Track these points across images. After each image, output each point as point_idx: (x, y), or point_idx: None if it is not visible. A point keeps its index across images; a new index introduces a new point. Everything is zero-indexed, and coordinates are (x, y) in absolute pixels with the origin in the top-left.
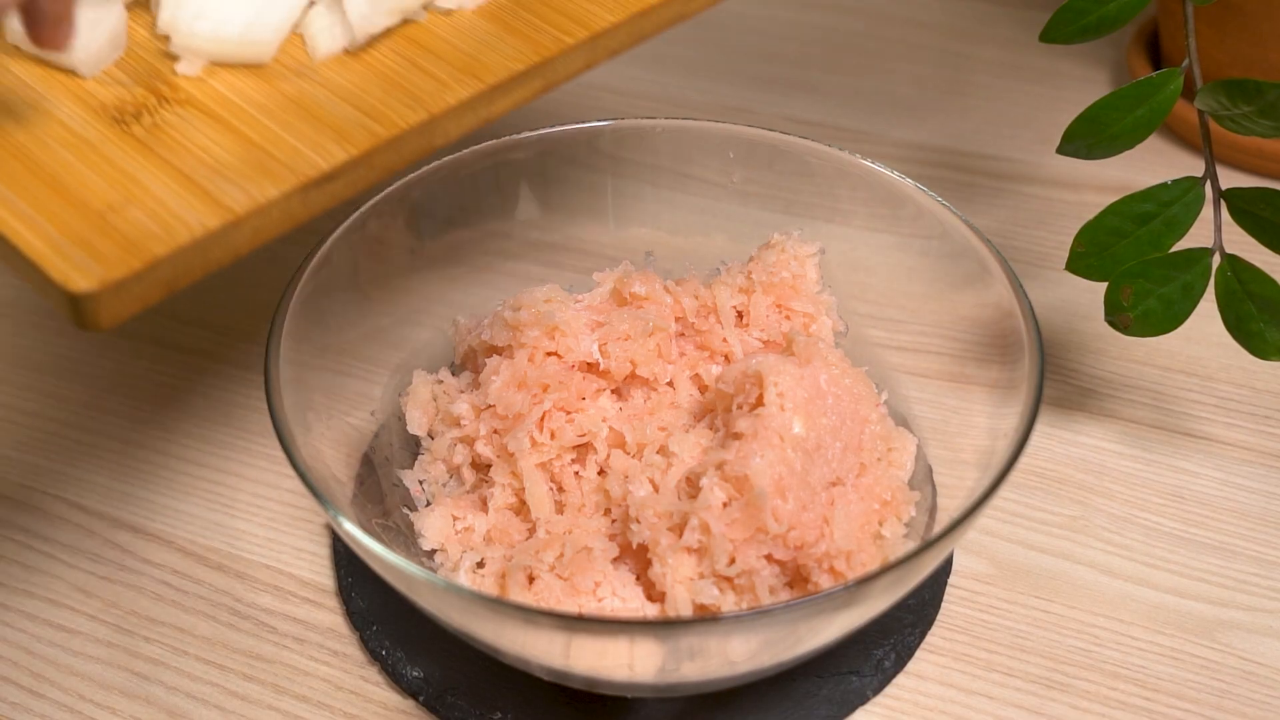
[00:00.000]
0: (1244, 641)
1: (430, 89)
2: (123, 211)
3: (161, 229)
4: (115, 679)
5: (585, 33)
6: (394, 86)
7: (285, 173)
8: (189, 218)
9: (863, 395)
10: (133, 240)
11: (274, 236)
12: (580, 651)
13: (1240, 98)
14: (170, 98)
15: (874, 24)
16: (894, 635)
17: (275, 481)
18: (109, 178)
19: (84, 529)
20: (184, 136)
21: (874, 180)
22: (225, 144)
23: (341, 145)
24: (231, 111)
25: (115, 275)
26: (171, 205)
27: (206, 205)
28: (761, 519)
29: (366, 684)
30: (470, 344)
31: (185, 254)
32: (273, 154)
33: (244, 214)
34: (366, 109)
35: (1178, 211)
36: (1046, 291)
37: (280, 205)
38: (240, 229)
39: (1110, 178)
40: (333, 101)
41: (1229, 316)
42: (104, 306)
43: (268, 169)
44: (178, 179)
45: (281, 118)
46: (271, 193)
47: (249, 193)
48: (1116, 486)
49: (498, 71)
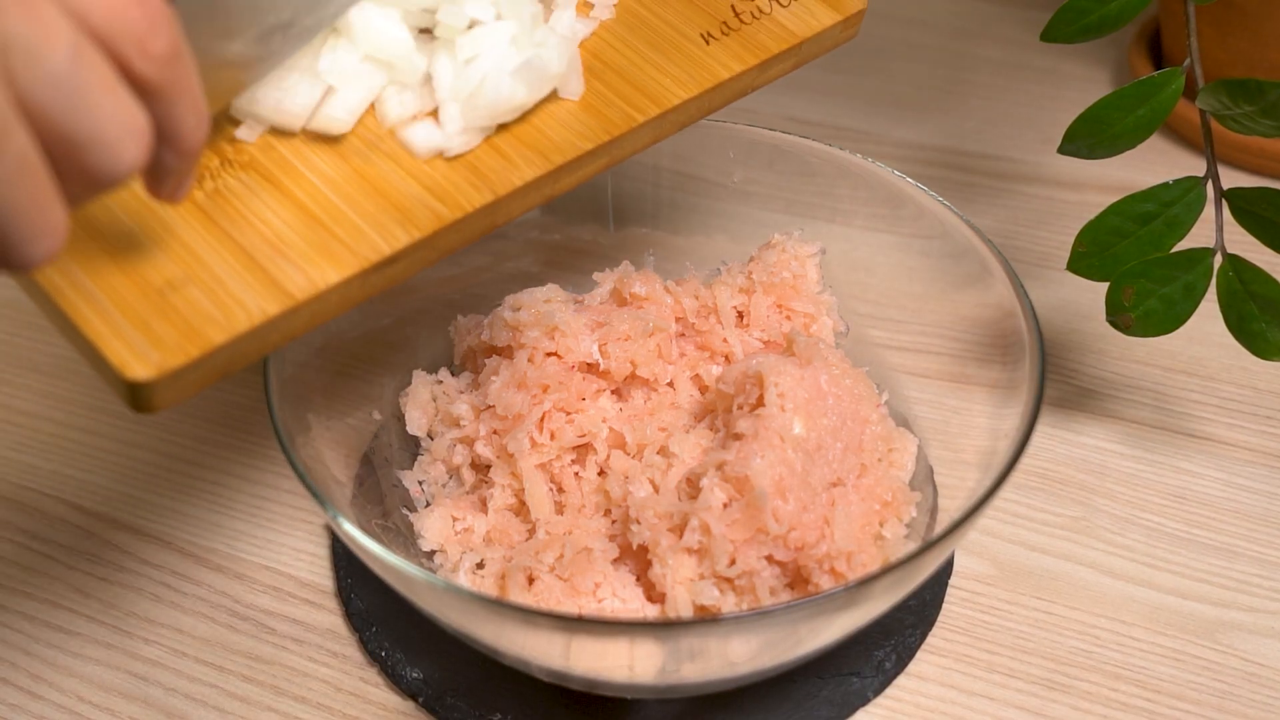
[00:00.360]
0: (1246, 643)
1: (497, 167)
2: (182, 290)
3: (220, 313)
4: (114, 680)
5: (656, 109)
6: (461, 161)
7: (347, 255)
8: (249, 302)
9: (863, 396)
10: (191, 324)
11: (330, 319)
12: (580, 653)
13: (1242, 97)
14: (233, 160)
15: (874, 23)
16: (895, 636)
17: (274, 482)
18: (169, 249)
19: (83, 530)
20: (245, 206)
21: (875, 180)
22: (286, 217)
23: (405, 228)
24: (294, 179)
25: (173, 364)
26: (231, 286)
27: (266, 289)
28: (762, 520)
29: (366, 685)
30: (470, 344)
31: (243, 341)
32: (335, 232)
33: (304, 300)
34: (431, 186)
35: (1179, 211)
36: (1048, 291)
37: (340, 290)
38: (298, 314)
39: (1112, 177)
40: (398, 175)
41: (1231, 316)
42: (159, 394)
43: (329, 250)
44: (238, 256)
45: (345, 190)
46: (332, 278)
47: (309, 277)
48: (1118, 487)
49: (566, 151)
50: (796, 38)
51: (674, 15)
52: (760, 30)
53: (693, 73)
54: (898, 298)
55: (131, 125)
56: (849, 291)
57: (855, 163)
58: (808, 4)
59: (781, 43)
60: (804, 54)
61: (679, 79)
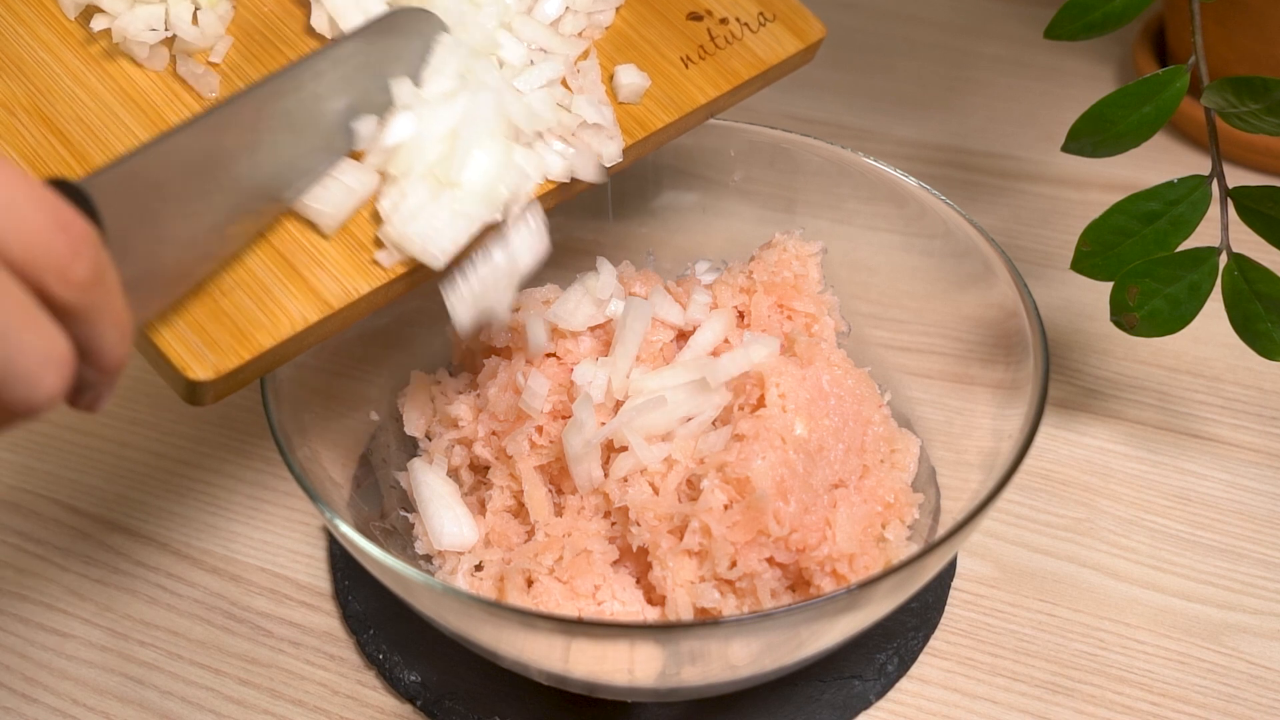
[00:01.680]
0: (1251, 645)
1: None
2: (232, 295)
3: (267, 318)
4: (109, 683)
5: (641, 132)
6: None
7: (375, 268)
8: (291, 309)
9: (865, 396)
10: (241, 329)
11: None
12: (579, 655)
13: (1247, 95)
14: None
15: (876, 20)
16: (897, 639)
17: (271, 483)
18: None
19: (78, 531)
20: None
21: (877, 178)
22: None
23: None
24: None
25: (228, 366)
26: (276, 294)
27: (307, 297)
28: (763, 521)
29: (363, 688)
30: (469, 344)
31: (286, 344)
32: (364, 244)
33: (339, 308)
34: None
35: (1184, 210)
36: (1051, 291)
37: (369, 298)
38: (333, 320)
39: (1116, 176)
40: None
41: (1236, 316)
42: (212, 391)
43: (359, 261)
44: (281, 266)
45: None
46: (364, 288)
47: (344, 287)
48: (1122, 488)
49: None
50: (765, 64)
51: (656, 37)
52: (733, 55)
53: (673, 96)
54: (900, 297)
55: (51, 354)
56: (851, 291)
57: (857, 161)
58: (775, 31)
59: (752, 68)
60: (769, 78)
61: (661, 102)
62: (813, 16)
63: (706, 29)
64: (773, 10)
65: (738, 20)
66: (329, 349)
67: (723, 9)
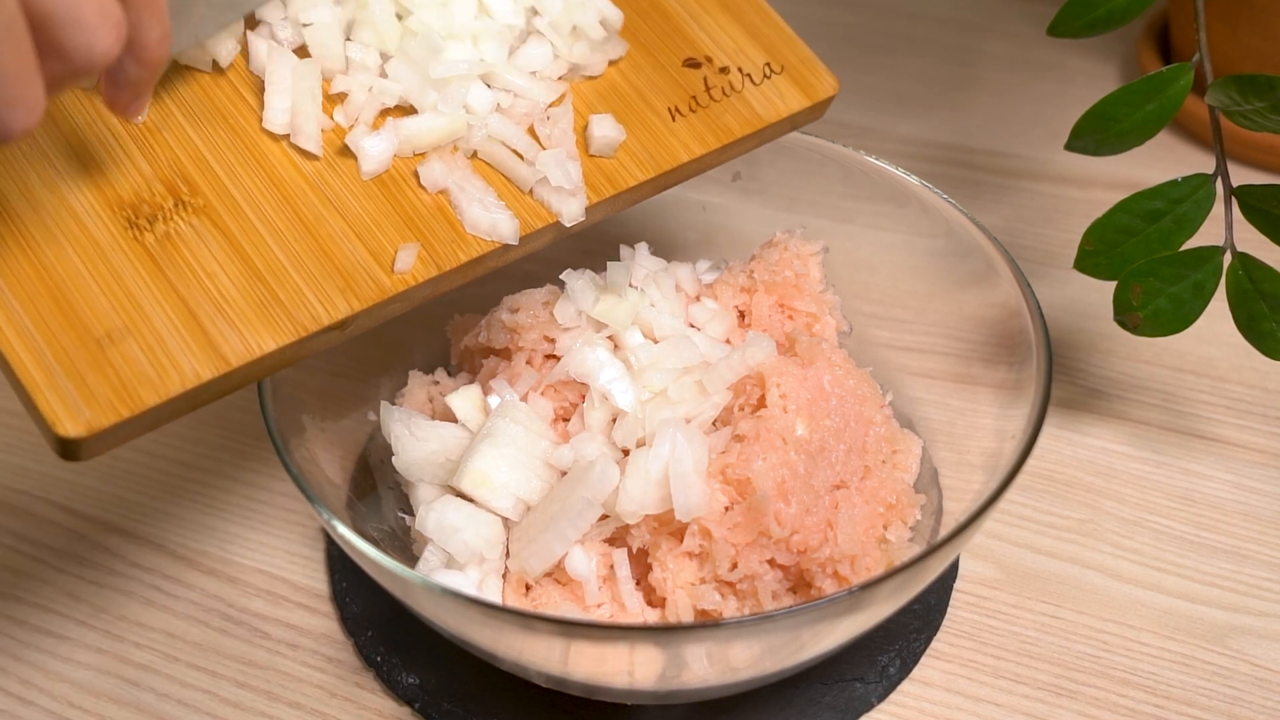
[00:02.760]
0: (1256, 647)
1: (445, 239)
2: (120, 344)
3: (155, 372)
4: (105, 685)
5: (611, 190)
6: (411, 228)
7: (286, 322)
8: (184, 364)
9: (867, 397)
10: (125, 381)
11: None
12: (579, 658)
13: (1252, 93)
14: (188, 202)
15: (878, 18)
16: (899, 641)
17: (268, 484)
18: (113, 297)
19: (73, 532)
20: (194, 257)
21: (878, 177)
22: (232, 274)
23: (346, 297)
24: (244, 231)
25: (103, 423)
26: (169, 345)
27: (204, 351)
28: (764, 523)
29: (361, 691)
30: (467, 344)
31: (174, 402)
32: (277, 294)
33: (238, 366)
34: (378, 253)
35: (1188, 209)
36: (1054, 290)
37: (275, 355)
38: (231, 378)
39: (1119, 174)
40: (348, 238)
41: (1240, 316)
42: (86, 448)
43: (269, 313)
44: (180, 312)
45: (293, 248)
46: (268, 345)
47: (246, 342)
48: (1126, 489)
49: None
50: (762, 121)
51: (645, 84)
52: (727, 110)
53: (654, 152)
54: (902, 297)
55: (108, 12)
56: (852, 291)
57: (859, 159)
58: (779, 85)
59: (746, 126)
60: (766, 136)
61: (639, 157)
62: (826, 71)
63: (703, 78)
64: (781, 62)
65: (740, 70)
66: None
67: (724, 57)
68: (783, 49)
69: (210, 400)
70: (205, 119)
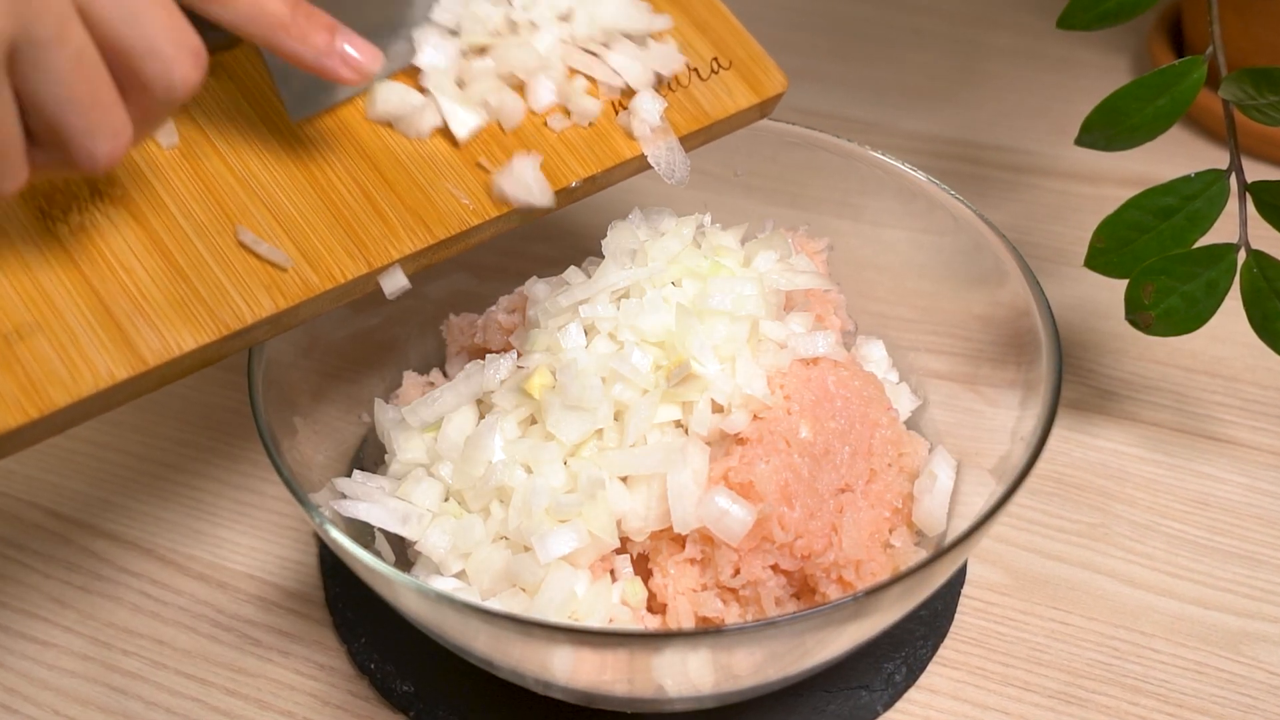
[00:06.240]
0: (1271, 654)
1: (376, 235)
2: (29, 339)
3: (67, 371)
4: (92, 693)
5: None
6: (341, 223)
7: (206, 320)
8: (98, 363)
9: (873, 398)
10: (35, 381)
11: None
12: (577, 665)
13: (1267, 87)
14: (104, 192)
15: (884, 11)
16: (905, 648)
17: (259, 487)
18: (23, 291)
19: (59, 536)
20: (110, 249)
21: (884, 173)
22: (150, 268)
23: (271, 294)
24: (164, 224)
25: (10, 424)
26: (82, 342)
27: (119, 350)
28: (767, 527)
29: (355, 698)
30: (463, 344)
31: (86, 403)
32: (198, 290)
33: (155, 365)
34: (306, 248)
35: (1201, 205)
36: (1064, 289)
37: (195, 355)
38: (148, 378)
39: (1131, 170)
40: (274, 231)
41: (1255, 315)
42: None
43: (189, 310)
44: (94, 307)
45: (214, 242)
46: (188, 344)
47: (164, 341)
48: (1137, 492)
49: (450, 223)
50: (709, 118)
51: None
52: (673, 105)
53: (596, 148)
54: (908, 296)
55: (184, 41)
56: (857, 289)
57: (864, 155)
58: (727, 81)
59: (693, 122)
60: (714, 133)
61: (580, 154)
62: (775, 68)
63: None
64: (729, 57)
65: (686, 65)
66: (320, 349)
67: None
68: (731, 44)
69: (126, 401)
70: None
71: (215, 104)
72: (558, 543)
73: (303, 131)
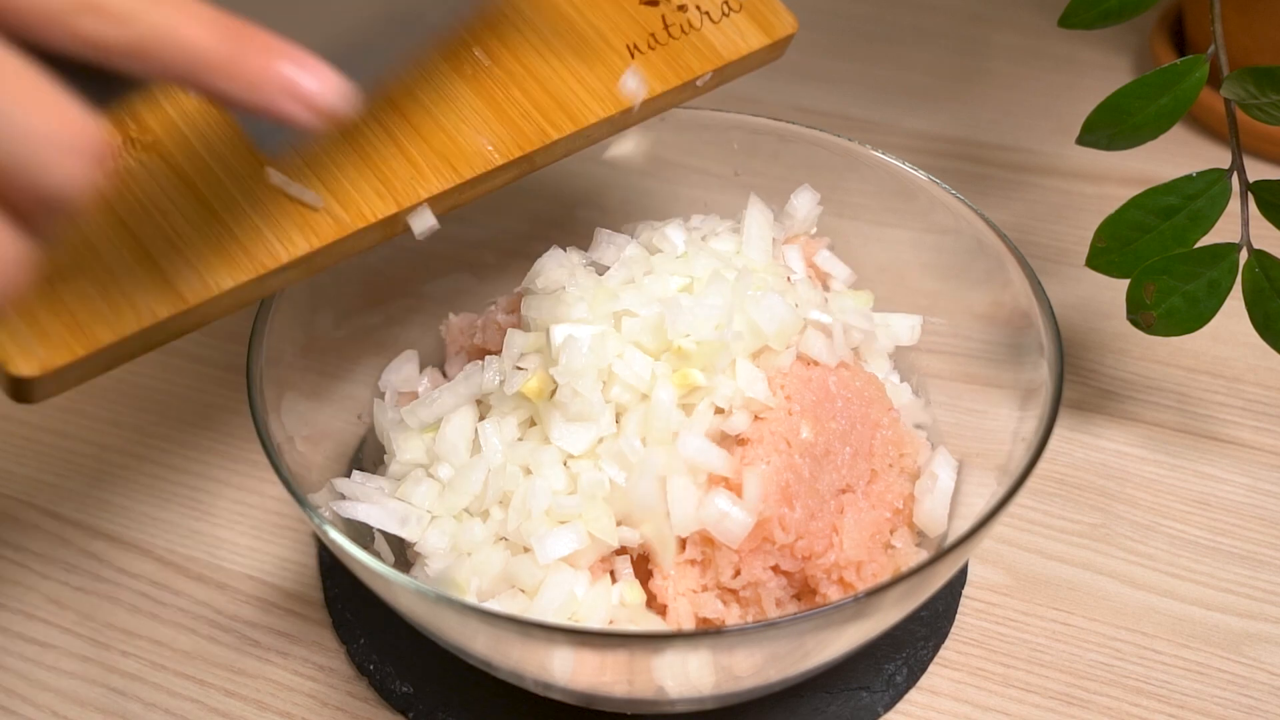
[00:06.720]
0: (1273, 656)
1: (405, 176)
2: (72, 281)
3: (110, 310)
4: (90, 694)
5: (571, 126)
6: (368, 166)
7: (243, 259)
8: (139, 302)
9: (874, 398)
10: (80, 320)
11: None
12: (577, 666)
13: (1269, 86)
14: (136, 139)
15: (885, 8)
16: (906, 649)
17: (258, 488)
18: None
19: (57, 537)
20: (145, 194)
21: (885, 172)
22: (186, 211)
23: (304, 234)
24: (196, 168)
25: (58, 362)
26: (124, 283)
27: (159, 289)
28: (767, 528)
29: (354, 699)
30: (462, 345)
31: (130, 341)
32: (232, 231)
33: (195, 304)
34: (335, 190)
35: (1203, 205)
36: (1066, 289)
37: (232, 294)
38: (189, 316)
39: (1132, 169)
40: (303, 174)
41: (1257, 315)
42: (39, 388)
43: (225, 251)
44: (133, 249)
45: (245, 185)
46: (226, 283)
47: (204, 280)
48: (1139, 493)
49: (475, 163)
50: (722, 59)
51: (603, 21)
52: (687, 47)
53: (614, 89)
54: (909, 295)
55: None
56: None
57: (864, 154)
58: (737, 23)
59: (707, 64)
60: (726, 75)
61: (599, 94)
62: (785, 10)
63: (661, 15)
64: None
65: (697, 8)
66: (319, 349)
67: None
68: None
69: (165, 341)
70: None
71: None
72: (557, 544)
73: None
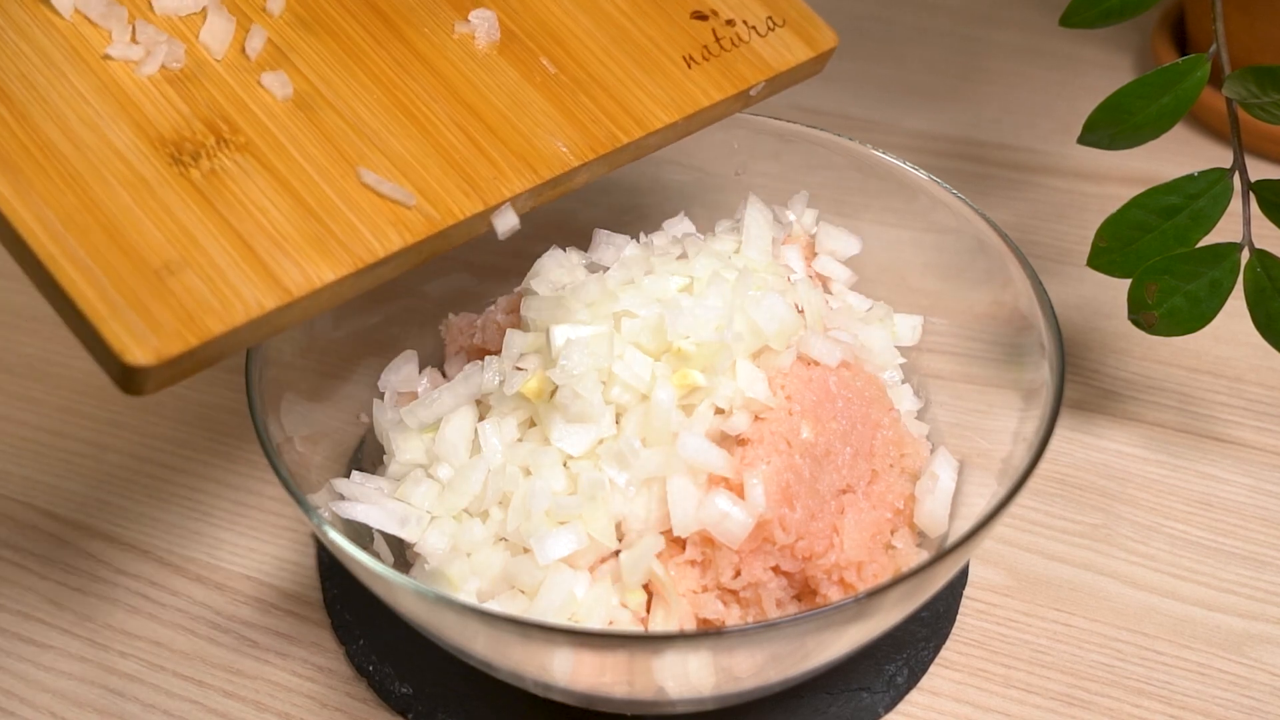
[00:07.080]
0: (1275, 656)
1: (487, 176)
2: (179, 274)
3: (219, 302)
4: (89, 695)
5: (640, 130)
6: (453, 167)
7: (342, 254)
8: (246, 294)
9: (874, 398)
10: (190, 311)
11: (318, 314)
12: (577, 667)
13: (1271, 85)
14: (229, 140)
15: (886, 7)
16: (907, 650)
17: (257, 488)
18: (166, 230)
19: (56, 538)
20: (242, 192)
21: (886, 172)
22: (283, 208)
23: (398, 230)
24: (290, 168)
25: (171, 351)
26: (230, 276)
27: (265, 282)
28: (768, 529)
29: (353, 700)
30: (462, 345)
31: (239, 332)
32: (330, 228)
33: (299, 296)
34: (424, 189)
35: (1205, 204)
36: (1067, 288)
37: (333, 288)
38: (292, 309)
39: (1134, 169)
40: (393, 175)
41: (1258, 315)
42: (153, 378)
43: (325, 247)
44: (236, 245)
45: (340, 184)
46: (328, 276)
47: (306, 273)
48: (1141, 493)
49: (553, 165)
50: (772, 70)
51: (658, 33)
52: (739, 59)
53: (675, 96)
54: (910, 295)
55: None
56: (858, 288)
57: (865, 154)
58: (783, 37)
59: (759, 74)
60: (776, 86)
61: (661, 101)
62: (824, 24)
63: (711, 29)
64: (782, 15)
65: (745, 23)
66: (318, 349)
67: (729, 10)
68: (781, 3)
69: (270, 334)
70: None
71: (318, 59)
72: (557, 544)
73: (404, 84)
